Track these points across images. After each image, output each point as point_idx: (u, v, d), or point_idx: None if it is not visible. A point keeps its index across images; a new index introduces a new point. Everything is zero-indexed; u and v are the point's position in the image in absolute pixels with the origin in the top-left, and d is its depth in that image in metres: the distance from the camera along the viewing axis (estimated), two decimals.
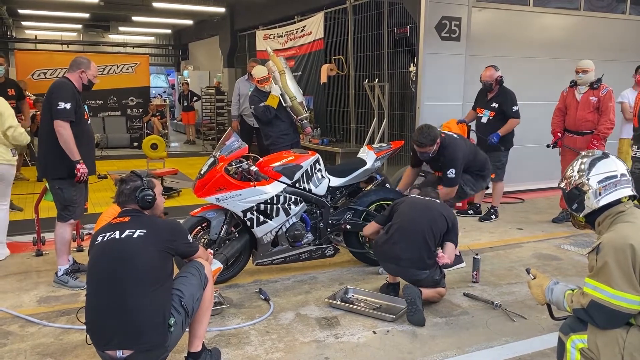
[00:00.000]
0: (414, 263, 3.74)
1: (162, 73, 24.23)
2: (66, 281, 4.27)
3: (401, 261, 3.77)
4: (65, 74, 4.30)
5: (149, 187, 2.88)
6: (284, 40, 10.60)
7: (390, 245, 3.83)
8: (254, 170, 4.17)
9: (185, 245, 2.88)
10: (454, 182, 4.55)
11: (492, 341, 3.39)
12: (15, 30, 19.36)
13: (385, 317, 3.66)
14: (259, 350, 3.23)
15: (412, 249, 3.75)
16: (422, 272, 3.75)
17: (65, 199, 4.22)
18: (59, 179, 4.18)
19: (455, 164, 4.50)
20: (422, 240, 3.75)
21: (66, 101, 4.02)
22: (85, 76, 4.26)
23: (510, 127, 6.05)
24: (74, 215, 4.29)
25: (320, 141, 8.89)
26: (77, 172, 4.07)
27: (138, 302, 2.53)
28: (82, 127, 4.22)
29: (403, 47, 7.63)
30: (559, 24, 8.05)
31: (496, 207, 6.40)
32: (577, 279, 4.29)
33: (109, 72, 13.47)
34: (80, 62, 4.29)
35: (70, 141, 4.03)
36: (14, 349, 3.24)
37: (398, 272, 3.92)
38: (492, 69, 6.10)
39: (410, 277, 3.79)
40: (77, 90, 4.22)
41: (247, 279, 4.45)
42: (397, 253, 3.78)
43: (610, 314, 2.11)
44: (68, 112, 4.02)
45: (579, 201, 2.38)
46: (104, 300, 2.58)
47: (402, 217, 3.91)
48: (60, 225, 4.29)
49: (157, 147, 9.00)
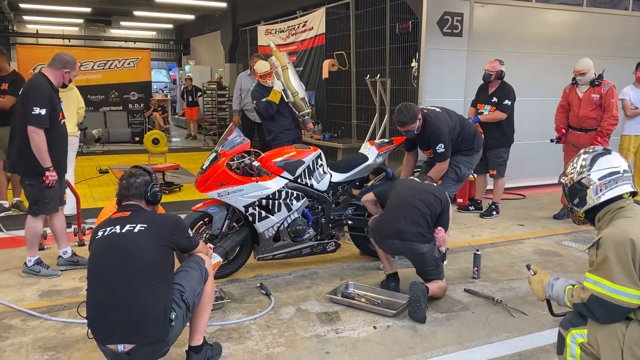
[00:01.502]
0: (414, 236, 3.75)
1: (164, 68, 24.22)
2: (38, 271, 4.28)
3: (403, 234, 3.76)
4: (43, 69, 4.17)
5: (156, 183, 2.92)
6: (286, 36, 10.58)
7: (390, 222, 3.85)
8: (256, 165, 4.17)
9: (186, 240, 2.89)
10: (445, 156, 4.57)
11: (492, 337, 3.40)
12: (17, 24, 19.35)
13: (386, 312, 3.67)
14: (259, 345, 3.24)
15: (411, 223, 3.77)
16: (424, 246, 3.76)
17: (35, 195, 4.18)
18: (29, 177, 4.14)
19: (441, 138, 4.52)
20: (419, 215, 3.78)
21: (42, 106, 3.92)
22: (69, 76, 4.18)
23: (493, 118, 6.05)
24: (44, 209, 4.24)
25: (321, 137, 8.88)
26: (46, 179, 4.01)
27: (139, 296, 2.54)
28: (56, 130, 4.12)
29: (405, 43, 7.61)
30: (561, 20, 8.03)
31: (497, 203, 6.40)
32: (578, 275, 4.29)
33: (111, 67, 13.47)
34: (67, 60, 4.16)
35: (42, 148, 3.95)
36: (16, 342, 3.26)
37: (400, 248, 3.86)
38: (497, 62, 6.11)
39: (413, 252, 3.78)
40: (54, 89, 4.12)
41: (248, 273, 4.47)
42: (398, 227, 3.78)
43: (610, 308, 2.12)
44: (43, 118, 3.93)
45: (581, 196, 2.38)
46: (105, 294, 2.59)
47: (398, 196, 3.96)
48: (32, 219, 4.25)
49: (159, 142, 9.02)
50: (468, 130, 4.81)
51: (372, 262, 4.70)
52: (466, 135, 4.77)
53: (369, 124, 8.13)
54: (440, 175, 4.64)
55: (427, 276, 3.86)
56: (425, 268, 3.83)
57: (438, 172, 4.59)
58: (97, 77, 13.17)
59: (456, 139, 4.68)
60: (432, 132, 4.53)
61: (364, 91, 8.52)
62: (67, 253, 4.50)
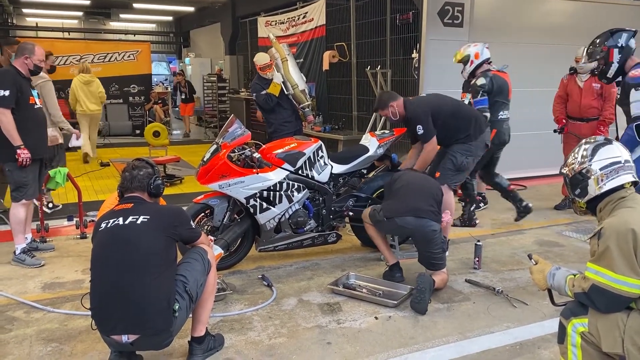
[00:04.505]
0: (428, 214, 3.81)
1: (164, 60, 24.15)
2: (23, 259, 4.41)
3: (419, 211, 3.79)
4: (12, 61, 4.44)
5: (159, 176, 2.93)
6: (286, 27, 10.54)
7: (404, 200, 3.89)
8: (256, 157, 4.17)
9: (188, 231, 2.90)
10: (427, 136, 4.45)
11: (493, 327, 3.41)
12: (16, 17, 19.26)
13: (387, 302, 3.68)
14: (262, 336, 3.26)
15: (425, 201, 3.86)
16: (436, 224, 3.81)
17: (15, 181, 4.38)
18: (7, 162, 4.33)
19: (418, 119, 4.46)
20: (431, 196, 3.91)
21: (5, 88, 4.14)
22: (31, 62, 4.36)
23: None
24: (25, 195, 4.42)
25: (322, 128, 8.87)
26: (18, 156, 4.21)
27: (143, 287, 2.56)
28: (27, 113, 4.33)
29: (405, 34, 7.59)
30: (563, 10, 7.99)
31: (483, 193, 6.31)
32: (579, 266, 4.30)
33: (111, 60, 13.44)
34: (24, 48, 4.40)
35: (10, 127, 4.17)
36: (20, 334, 3.28)
37: (413, 224, 3.79)
38: None
39: (426, 229, 3.77)
40: (23, 76, 4.33)
41: (250, 265, 4.48)
42: (414, 205, 3.83)
43: (611, 297, 2.13)
44: (7, 99, 4.14)
45: (582, 187, 2.38)
46: (109, 286, 2.60)
47: (406, 181, 4.05)
48: (14, 205, 4.44)
49: (159, 135, 9.01)
50: (464, 116, 4.59)
51: (373, 253, 4.71)
52: (461, 121, 4.55)
53: (369, 115, 8.12)
54: (426, 163, 4.54)
55: (431, 261, 3.85)
56: (432, 249, 3.81)
57: (423, 160, 4.48)
58: (97, 70, 13.09)
59: (450, 125, 4.50)
60: (409, 116, 4.50)
61: (364, 82, 8.50)
62: (17, 249, 4.51)
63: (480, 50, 5.34)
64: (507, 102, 5.39)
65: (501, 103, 5.32)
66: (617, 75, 4.08)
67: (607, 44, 4.03)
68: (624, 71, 4.00)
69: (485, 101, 5.16)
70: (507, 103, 5.39)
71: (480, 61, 5.33)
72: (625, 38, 4.01)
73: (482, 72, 5.28)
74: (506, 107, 5.38)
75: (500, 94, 5.27)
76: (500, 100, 5.29)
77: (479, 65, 5.33)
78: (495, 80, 5.22)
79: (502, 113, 5.36)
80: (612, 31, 4.08)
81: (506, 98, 5.36)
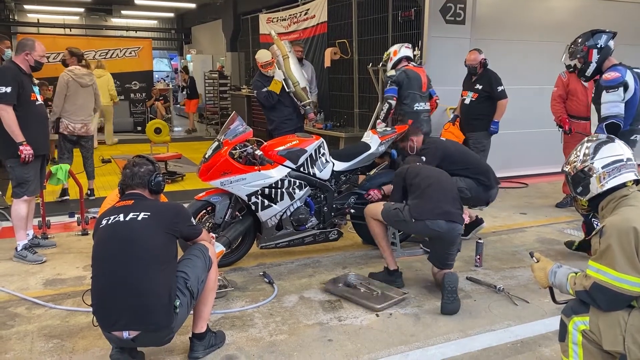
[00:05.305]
0: (457, 217, 3.73)
1: (165, 57, 24.15)
2: (25, 256, 4.42)
3: (450, 214, 3.69)
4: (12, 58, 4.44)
5: (160, 172, 2.93)
6: (288, 24, 10.52)
7: (436, 202, 3.72)
8: (258, 154, 4.17)
9: (189, 228, 2.90)
10: None
11: (494, 324, 3.41)
12: (18, 13, 19.29)
13: (373, 306, 3.58)
14: (263, 333, 3.27)
15: (453, 204, 3.77)
16: (461, 226, 3.77)
17: (17, 177, 4.39)
18: (9, 159, 4.34)
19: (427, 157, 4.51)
20: (455, 196, 3.86)
21: (6, 85, 4.14)
22: (31, 58, 4.37)
23: (503, 109, 5.91)
24: (27, 192, 4.43)
25: (323, 126, 8.86)
26: (21, 153, 4.21)
27: (144, 283, 2.56)
28: (29, 109, 4.34)
29: (407, 31, 7.56)
30: (566, 7, 7.96)
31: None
32: (581, 264, 4.29)
33: (112, 56, 13.43)
34: (24, 44, 4.39)
35: (12, 124, 4.17)
36: (21, 330, 3.29)
37: (443, 228, 3.67)
38: (476, 52, 5.99)
39: (454, 232, 3.70)
40: (24, 72, 4.33)
41: (251, 262, 4.48)
42: (445, 208, 3.70)
43: (612, 296, 2.13)
44: (8, 95, 4.14)
45: (584, 185, 2.38)
46: (110, 282, 2.61)
47: (428, 178, 3.88)
48: (15, 202, 4.44)
49: (161, 132, 9.00)
50: (469, 162, 4.68)
51: (374, 250, 4.70)
52: (468, 163, 4.64)
53: (371, 112, 8.10)
54: None
55: (447, 261, 3.80)
56: (451, 251, 3.78)
57: None
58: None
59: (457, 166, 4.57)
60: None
61: (366, 80, 8.48)
62: (19, 246, 4.51)
63: (398, 49, 5.84)
64: (422, 95, 5.71)
65: (415, 95, 5.63)
66: (594, 74, 4.31)
67: (587, 44, 4.25)
68: (601, 70, 4.22)
69: (393, 90, 5.59)
70: (423, 95, 5.72)
71: (398, 58, 5.78)
72: (604, 39, 4.23)
73: (399, 68, 5.71)
74: (422, 100, 5.71)
75: (412, 87, 5.60)
76: (413, 92, 5.62)
77: (398, 62, 5.77)
78: (407, 74, 5.59)
79: (418, 104, 5.66)
80: (594, 32, 4.28)
81: (420, 90, 5.67)
